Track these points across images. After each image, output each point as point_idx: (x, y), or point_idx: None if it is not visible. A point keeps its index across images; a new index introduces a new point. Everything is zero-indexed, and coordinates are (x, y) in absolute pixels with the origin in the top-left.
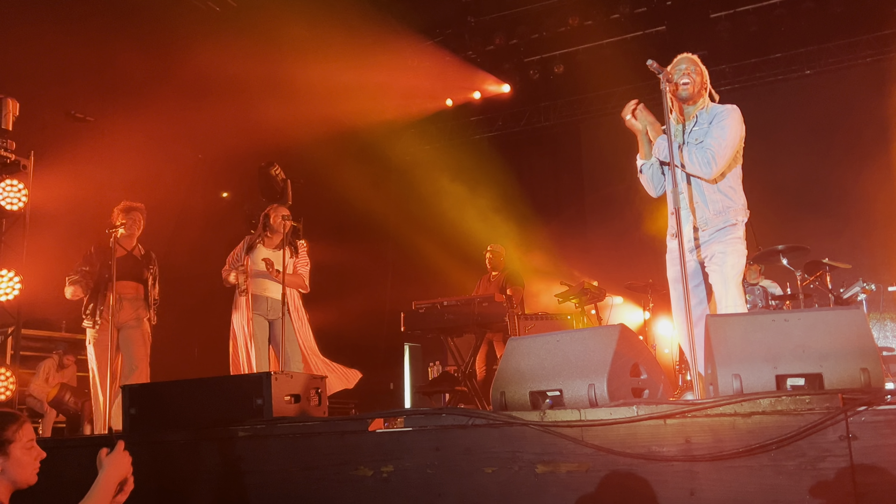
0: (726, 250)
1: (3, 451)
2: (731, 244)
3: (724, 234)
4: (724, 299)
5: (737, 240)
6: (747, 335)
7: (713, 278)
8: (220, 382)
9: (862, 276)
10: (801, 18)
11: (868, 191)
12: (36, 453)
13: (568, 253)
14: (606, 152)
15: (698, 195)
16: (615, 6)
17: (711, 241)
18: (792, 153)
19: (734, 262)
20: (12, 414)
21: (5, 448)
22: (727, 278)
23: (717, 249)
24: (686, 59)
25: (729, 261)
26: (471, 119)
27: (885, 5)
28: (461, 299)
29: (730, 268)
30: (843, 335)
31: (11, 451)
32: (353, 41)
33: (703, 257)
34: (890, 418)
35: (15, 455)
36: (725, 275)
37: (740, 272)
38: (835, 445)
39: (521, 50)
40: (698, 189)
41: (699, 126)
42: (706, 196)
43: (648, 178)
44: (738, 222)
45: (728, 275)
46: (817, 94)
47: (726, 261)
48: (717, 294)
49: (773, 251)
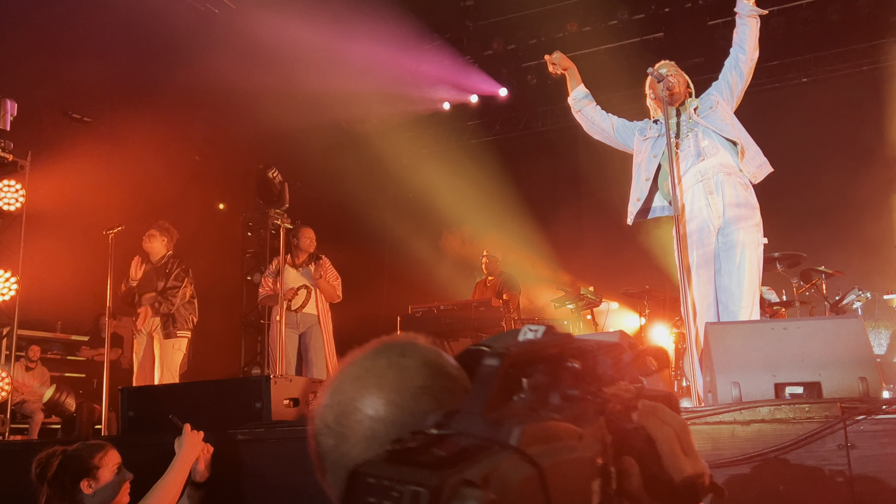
0: (748, 241)
1: (93, 476)
2: (752, 233)
3: (746, 221)
4: (738, 303)
5: (756, 227)
6: (746, 343)
7: (728, 276)
8: (219, 385)
9: (857, 285)
10: (798, 27)
11: (863, 199)
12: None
13: (564, 258)
14: (603, 158)
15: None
16: (614, 12)
17: (733, 225)
18: (788, 161)
19: (755, 258)
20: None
21: (94, 473)
22: (745, 278)
23: (738, 238)
24: (667, 63)
25: (750, 256)
26: (468, 123)
27: (881, 14)
28: (458, 304)
29: (750, 265)
30: (842, 344)
31: (100, 476)
32: (352, 44)
33: (721, 244)
34: (888, 427)
35: (104, 479)
36: (745, 274)
37: (760, 270)
38: (833, 454)
39: (519, 55)
40: (728, 148)
41: (699, 104)
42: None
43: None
44: (756, 203)
45: (748, 274)
46: (813, 101)
47: (747, 256)
48: (731, 295)
49: (769, 258)
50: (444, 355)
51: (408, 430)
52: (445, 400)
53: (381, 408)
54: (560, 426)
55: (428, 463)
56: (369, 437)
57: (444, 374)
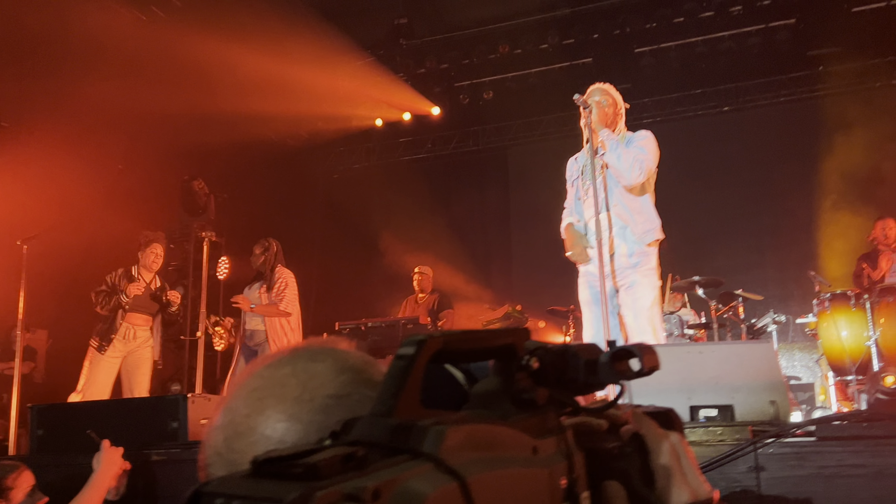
0: (642, 281)
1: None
2: (646, 275)
3: (640, 265)
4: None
5: (651, 270)
6: (663, 366)
7: (628, 310)
8: (133, 404)
9: (773, 308)
10: (721, 57)
11: (782, 226)
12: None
13: (494, 277)
14: (532, 179)
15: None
16: (544, 37)
17: (628, 270)
18: (710, 187)
19: (650, 294)
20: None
21: (6, 494)
22: (643, 311)
23: (633, 279)
24: (598, 89)
25: (645, 293)
26: (399, 140)
27: (800, 48)
28: (386, 321)
29: (646, 300)
30: (754, 368)
31: (12, 497)
32: (284, 57)
33: (618, 284)
34: (796, 450)
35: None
36: (642, 307)
37: (656, 303)
38: (744, 476)
39: (451, 74)
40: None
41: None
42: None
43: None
44: (653, 248)
45: (644, 307)
46: (734, 130)
47: (640, 292)
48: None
49: (690, 282)
50: (370, 361)
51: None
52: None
53: (281, 425)
54: (504, 432)
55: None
56: None
57: (365, 381)
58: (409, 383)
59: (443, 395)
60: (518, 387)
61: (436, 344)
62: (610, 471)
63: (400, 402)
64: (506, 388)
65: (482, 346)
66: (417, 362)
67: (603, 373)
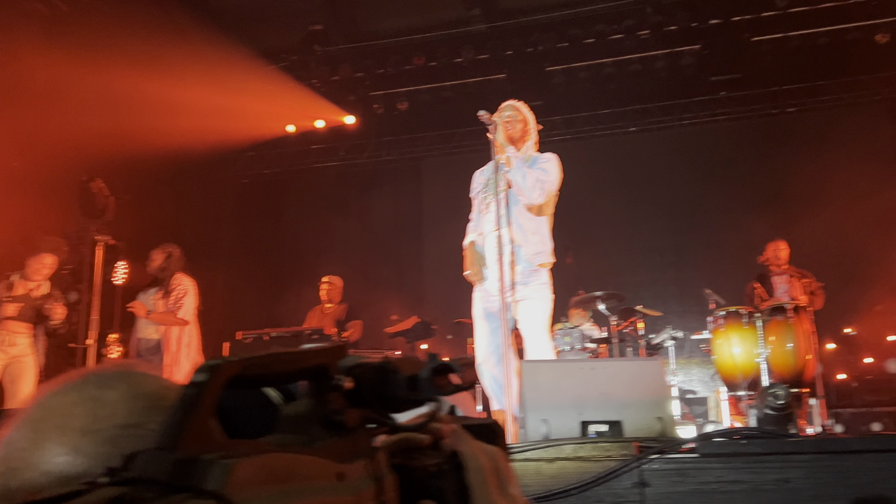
0: (534, 296)
1: None
2: (538, 290)
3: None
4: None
5: (543, 286)
6: (556, 381)
7: (522, 324)
8: None
9: (671, 324)
10: (628, 79)
11: (682, 244)
12: None
13: (405, 287)
14: (445, 190)
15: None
16: (459, 51)
17: (520, 286)
18: (616, 204)
19: (543, 308)
20: None
21: None
22: (536, 325)
23: (525, 294)
24: (510, 105)
25: (537, 307)
26: (312, 147)
27: (703, 74)
28: (290, 331)
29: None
30: (643, 384)
31: None
32: (193, 58)
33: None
34: (679, 466)
35: None
36: (535, 322)
37: (548, 318)
38: (629, 492)
39: (366, 83)
40: (517, 229)
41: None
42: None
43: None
44: (546, 267)
45: (537, 322)
46: (640, 150)
47: (535, 306)
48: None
49: (592, 297)
50: (170, 387)
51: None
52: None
53: (63, 458)
54: (304, 461)
55: None
56: None
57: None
58: (199, 412)
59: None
60: (328, 408)
61: (232, 369)
62: (426, 489)
63: (186, 433)
64: (316, 411)
65: (289, 368)
66: (209, 389)
67: (423, 388)
